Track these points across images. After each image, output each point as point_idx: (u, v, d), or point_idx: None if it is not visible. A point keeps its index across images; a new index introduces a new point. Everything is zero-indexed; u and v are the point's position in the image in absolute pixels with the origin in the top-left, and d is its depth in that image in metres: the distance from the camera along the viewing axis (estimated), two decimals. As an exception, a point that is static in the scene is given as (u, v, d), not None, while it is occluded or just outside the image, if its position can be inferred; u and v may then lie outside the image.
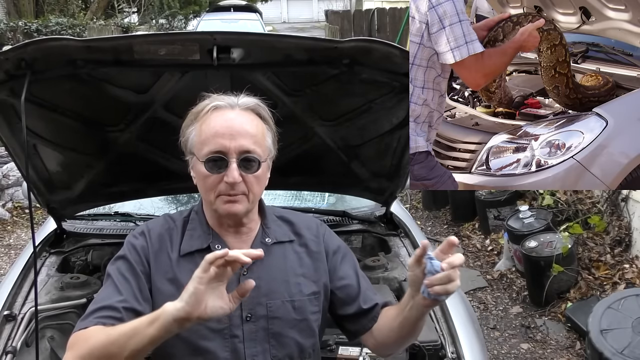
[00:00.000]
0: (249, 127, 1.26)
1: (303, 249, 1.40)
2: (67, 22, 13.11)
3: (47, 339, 1.88)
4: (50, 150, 1.91)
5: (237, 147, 1.23)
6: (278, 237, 1.39)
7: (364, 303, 1.38)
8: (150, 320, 1.08)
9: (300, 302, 1.33)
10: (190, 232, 1.35)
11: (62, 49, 1.49)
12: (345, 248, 1.48)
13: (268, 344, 1.30)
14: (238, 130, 1.24)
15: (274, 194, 2.74)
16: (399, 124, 1.90)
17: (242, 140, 1.24)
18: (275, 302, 1.31)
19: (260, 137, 1.28)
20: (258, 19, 15.95)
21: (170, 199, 2.85)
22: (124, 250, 1.33)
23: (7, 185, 5.75)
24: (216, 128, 1.24)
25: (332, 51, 1.58)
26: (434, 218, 5.57)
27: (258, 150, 1.26)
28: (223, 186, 1.25)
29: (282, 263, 1.36)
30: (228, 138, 1.23)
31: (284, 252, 1.38)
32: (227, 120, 1.25)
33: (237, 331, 1.28)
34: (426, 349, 1.73)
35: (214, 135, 1.24)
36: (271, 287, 1.32)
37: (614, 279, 3.55)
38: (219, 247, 1.32)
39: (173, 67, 1.65)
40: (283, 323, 1.31)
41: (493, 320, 3.71)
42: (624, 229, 3.71)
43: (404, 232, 2.41)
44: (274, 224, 1.42)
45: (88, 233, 2.35)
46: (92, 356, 1.13)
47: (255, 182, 1.28)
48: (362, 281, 1.42)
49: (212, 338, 1.27)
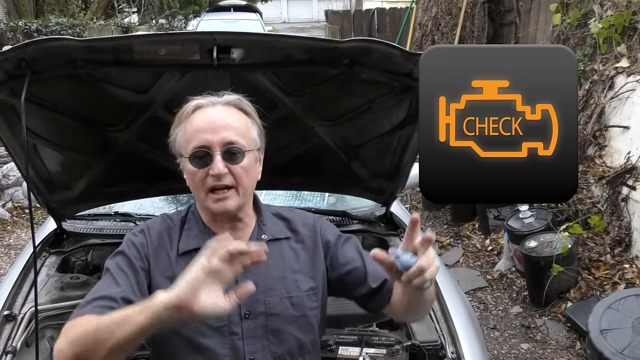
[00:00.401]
0: (230, 120, 1.28)
1: (300, 245, 1.41)
2: (67, 22, 13.09)
3: (47, 339, 1.88)
4: (50, 150, 1.91)
5: (220, 140, 1.25)
6: (274, 234, 1.40)
7: (374, 282, 1.39)
8: (141, 308, 1.06)
9: (299, 298, 1.34)
10: (187, 231, 1.36)
11: (62, 49, 1.49)
12: (344, 235, 1.48)
13: (267, 340, 1.30)
14: (219, 124, 1.26)
15: (274, 194, 2.74)
16: (399, 124, 1.90)
17: (224, 132, 1.26)
18: (274, 298, 1.32)
19: (244, 129, 1.30)
20: (258, 19, 15.95)
21: (170, 199, 2.85)
22: (123, 246, 1.34)
23: (7, 185, 5.75)
24: (199, 124, 1.27)
25: (332, 51, 1.58)
26: (434, 218, 5.57)
27: (242, 141, 1.27)
28: (210, 180, 1.26)
29: (279, 260, 1.36)
30: (210, 132, 1.25)
31: (280, 249, 1.39)
32: (209, 116, 1.28)
33: (236, 328, 1.29)
34: (426, 349, 1.73)
35: (197, 131, 1.26)
36: (269, 284, 1.32)
37: (614, 279, 3.55)
38: None
39: (173, 67, 1.65)
40: (282, 319, 1.32)
41: (493, 320, 3.71)
42: (624, 229, 3.71)
43: (404, 232, 2.41)
44: (270, 221, 1.42)
45: (88, 233, 2.35)
46: (81, 342, 1.11)
47: (244, 174, 1.28)
48: (368, 261, 1.42)
49: (211, 335, 1.27)
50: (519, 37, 6.57)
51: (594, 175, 4.02)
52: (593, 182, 4.04)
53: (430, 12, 7.06)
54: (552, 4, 5.20)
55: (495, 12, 7.00)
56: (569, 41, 5.00)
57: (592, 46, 4.55)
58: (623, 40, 4.29)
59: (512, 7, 6.74)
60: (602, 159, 4.07)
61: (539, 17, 6.08)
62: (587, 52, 4.56)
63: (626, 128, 3.93)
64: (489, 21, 6.90)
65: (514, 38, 6.79)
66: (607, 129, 4.11)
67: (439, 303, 1.94)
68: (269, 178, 1.45)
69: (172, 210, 2.74)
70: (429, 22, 7.06)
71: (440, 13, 6.90)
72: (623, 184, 3.77)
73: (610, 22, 4.30)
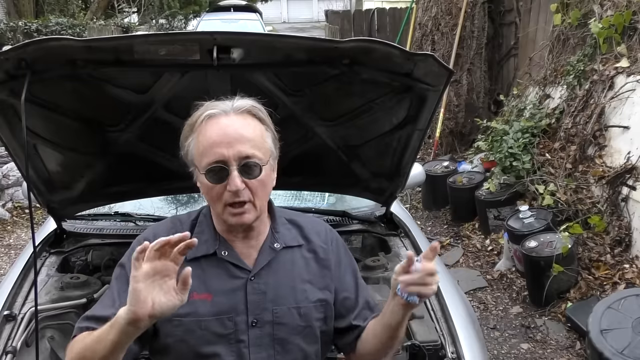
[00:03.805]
0: (245, 131, 1.24)
1: (311, 255, 1.40)
2: (67, 22, 13.07)
3: (47, 339, 1.88)
4: (50, 150, 1.91)
5: (236, 154, 1.21)
6: (287, 241, 1.39)
7: (356, 319, 1.39)
8: (110, 325, 1.11)
9: (306, 309, 1.33)
10: (197, 235, 1.31)
11: (62, 49, 1.49)
12: (349, 259, 1.48)
13: (273, 349, 1.30)
14: (235, 137, 1.22)
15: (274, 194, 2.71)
16: (399, 124, 1.90)
17: (239, 146, 1.21)
18: (282, 308, 1.31)
19: (259, 140, 1.26)
20: (258, 19, 15.94)
21: (170, 199, 2.85)
22: (126, 256, 1.34)
23: (7, 185, 5.75)
24: (212, 137, 1.22)
25: (332, 51, 1.58)
26: (434, 218, 5.57)
27: (258, 153, 1.24)
28: (228, 195, 1.23)
29: (289, 268, 1.36)
30: (225, 146, 1.21)
31: (292, 257, 1.38)
32: (222, 127, 1.23)
33: (243, 336, 1.28)
34: (426, 349, 1.73)
35: (211, 145, 1.22)
36: (278, 293, 1.31)
37: (614, 279, 3.55)
38: (225, 253, 1.32)
39: (173, 67, 1.64)
40: (288, 329, 1.31)
41: (493, 320, 3.71)
42: (624, 229, 3.70)
43: (404, 232, 2.41)
44: (283, 227, 1.41)
45: (88, 233, 2.35)
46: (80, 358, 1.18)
47: (260, 187, 1.26)
48: (361, 295, 1.43)
49: (218, 343, 1.27)
50: (519, 37, 6.57)
51: (594, 175, 4.01)
52: (593, 182, 4.04)
53: (430, 12, 7.04)
54: (552, 4, 5.20)
55: (495, 12, 6.99)
56: (569, 41, 5.00)
57: (592, 46, 4.54)
58: (623, 40, 4.29)
59: (512, 7, 6.74)
60: (602, 159, 4.07)
61: (539, 17, 6.08)
62: (587, 52, 4.56)
63: (626, 128, 3.93)
64: (489, 21, 6.90)
65: (514, 38, 6.79)
66: (607, 129, 4.11)
67: (439, 303, 1.94)
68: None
69: (172, 211, 2.75)
70: (429, 22, 7.04)
71: (440, 13, 6.88)
72: (623, 184, 3.77)
73: (610, 22, 4.29)
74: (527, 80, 5.67)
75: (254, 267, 1.32)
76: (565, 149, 4.40)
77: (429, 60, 1.56)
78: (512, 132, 4.79)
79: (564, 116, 4.61)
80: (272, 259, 1.34)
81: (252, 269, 1.32)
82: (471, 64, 6.75)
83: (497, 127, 4.99)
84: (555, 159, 4.47)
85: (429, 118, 1.81)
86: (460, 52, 6.71)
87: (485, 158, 5.28)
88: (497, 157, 4.79)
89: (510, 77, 6.77)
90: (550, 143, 4.65)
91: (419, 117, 1.82)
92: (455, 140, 6.92)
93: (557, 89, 4.93)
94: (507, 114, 5.37)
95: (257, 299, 1.30)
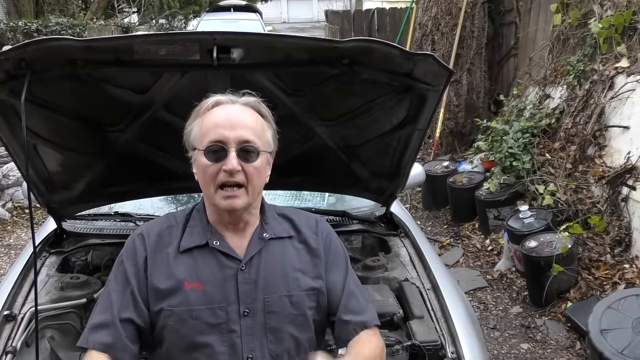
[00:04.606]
0: (248, 120, 1.30)
1: (302, 246, 1.42)
2: (67, 22, 13.06)
3: (47, 339, 1.88)
4: (50, 150, 1.91)
5: (237, 137, 1.27)
6: (277, 232, 1.41)
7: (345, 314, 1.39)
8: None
9: (298, 297, 1.35)
10: (190, 229, 1.37)
11: (62, 49, 1.49)
12: (341, 251, 1.49)
13: (266, 338, 1.31)
14: (237, 122, 1.28)
15: (274, 194, 2.74)
16: (399, 124, 1.90)
17: (241, 130, 1.27)
18: (273, 296, 1.33)
19: (260, 130, 1.32)
20: (258, 19, 15.92)
21: (170, 199, 2.85)
22: (121, 254, 1.37)
23: (7, 185, 5.75)
24: (217, 120, 1.29)
25: (332, 51, 1.58)
26: (434, 218, 5.57)
27: (257, 141, 1.29)
28: (222, 176, 1.27)
29: (280, 258, 1.37)
30: (228, 128, 1.27)
31: (282, 247, 1.40)
32: (228, 113, 1.30)
33: (235, 326, 1.29)
34: (426, 349, 1.73)
35: (215, 126, 1.28)
36: (269, 282, 1.33)
37: (614, 279, 3.54)
38: (216, 242, 1.35)
39: (173, 67, 1.65)
40: (280, 318, 1.32)
41: (493, 320, 3.71)
42: (624, 229, 3.70)
43: (404, 232, 2.41)
44: (274, 220, 1.43)
45: (88, 233, 2.35)
46: None
47: (255, 174, 1.30)
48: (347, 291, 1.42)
49: (210, 332, 1.28)
50: (519, 37, 6.57)
51: (594, 175, 4.01)
52: (593, 182, 4.04)
53: (430, 12, 7.04)
54: (552, 4, 5.20)
55: (495, 12, 6.99)
56: (569, 41, 5.00)
57: (592, 46, 4.54)
58: (623, 40, 4.29)
59: (512, 7, 6.74)
60: (602, 159, 4.07)
61: (539, 17, 6.07)
62: (587, 52, 4.56)
63: (626, 128, 3.93)
64: (489, 21, 6.90)
65: (514, 38, 6.79)
66: (607, 129, 4.10)
67: (439, 303, 1.94)
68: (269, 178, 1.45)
69: (172, 211, 2.75)
70: (429, 22, 7.04)
71: (440, 13, 6.88)
72: (623, 184, 3.77)
73: (610, 22, 4.29)
74: (527, 80, 5.67)
75: (244, 257, 1.34)
76: (565, 149, 4.40)
77: (429, 60, 1.56)
78: (512, 132, 4.79)
79: (564, 116, 4.61)
80: (263, 248, 1.37)
81: (243, 259, 1.34)
82: (471, 64, 6.75)
83: (497, 127, 4.99)
84: (555, 159, 4.47)
85: (429, 118, 1.81)
86: (460, 52, 6.71)
87: (485, 158, 5.28)
88: (497, 157, 4.79)
89: (510, 77, 6.77)
90: (550, 143, 4.65)
91: (419, 117, 1.82)
92: (455, 140, 6.92)
93: (557, 89, 4.92)
94: (507, 114, 5.37)
95: (248, 288, 1.31)
